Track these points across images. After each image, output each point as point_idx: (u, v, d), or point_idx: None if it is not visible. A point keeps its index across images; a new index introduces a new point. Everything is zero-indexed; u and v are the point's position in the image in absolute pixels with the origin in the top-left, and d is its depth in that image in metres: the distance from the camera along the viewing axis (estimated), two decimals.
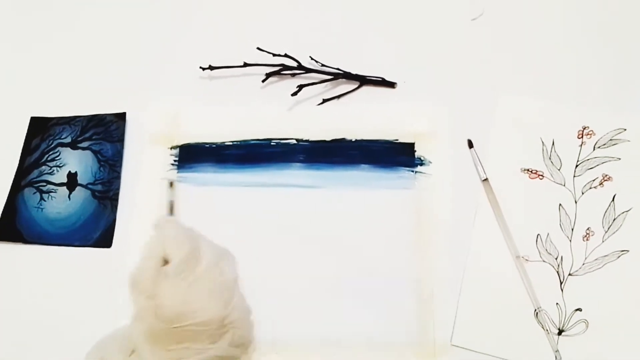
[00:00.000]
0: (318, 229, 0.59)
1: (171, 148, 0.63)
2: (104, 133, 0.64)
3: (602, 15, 0.66)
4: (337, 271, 0.57)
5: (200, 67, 0.65)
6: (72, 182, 0.63)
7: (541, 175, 0.59)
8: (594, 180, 0.58)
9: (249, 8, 0.69)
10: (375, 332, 0.55)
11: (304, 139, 0.62)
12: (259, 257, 0.58)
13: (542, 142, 0.60)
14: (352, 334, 0.55)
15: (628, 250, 0.56)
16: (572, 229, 0.57)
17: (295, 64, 0.64)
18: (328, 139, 0.62)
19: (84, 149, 0.64)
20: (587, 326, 0.54)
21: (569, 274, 0.55)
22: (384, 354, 0.54)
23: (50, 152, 0.64)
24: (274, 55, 0.64)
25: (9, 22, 0.72)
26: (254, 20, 0.69)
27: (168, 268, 0.49)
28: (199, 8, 0.70)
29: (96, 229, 0.60)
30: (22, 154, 0.64)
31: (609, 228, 0.57)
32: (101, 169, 0.63)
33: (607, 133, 0.60)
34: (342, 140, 0.62)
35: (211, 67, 0.65)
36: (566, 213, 0.57)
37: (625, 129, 0.60)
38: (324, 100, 0.64)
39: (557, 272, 0.56)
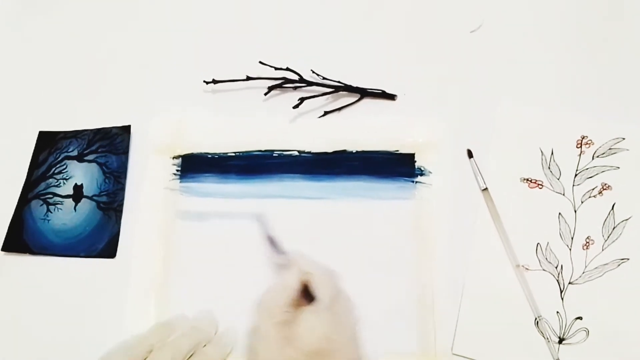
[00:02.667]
0: (319, 239, 0.59)
1: (173, 158, 0.64)
2: (110, 146, 0.65)
3: (600, 25, 0.66)
4: None
5: (204, 81, 0.66)
6: (78, 193, 0.64)
7: (540, 185, 0.59)
8: (593, 189, 0.59)
9: (252, 23, 0.71)
10: (375, 341, 0.55)
11: (306, 150, 0.63)
12: (260, 268, 0.58)
13: (541, 152, 0.60)
14: None
15: (628, 259, 0.56)
16: (572, 238, 0.57)
17: (297, 77, 0.65)
18: (329, 150, 0.63)
19: (90, 161, 0.65)
20: (587, 335, 0.54)
21: (569, 283, 0.56)
22: None
23: (58, 165, 0.65)
24: (276, 69, 0.65)
25: (17, 39, 0.74)
26: (257, 35, 0.70)
27: (317, 303, 0.49)
28: (202, 23, 0.72)
29: (101, 240, 0.61)
30: (30, 167, 0.65)
31: (608, 236, 0.57)
32: (106, 180, 0.64)
33: (606, 142, 0.60)
34: (344, 151, 0.63)
35: (215, 81, 0.66)
36: (566, 222, 0.58)
37: (624, 138, 0.60)
38: (326, 113, 0.65)
39: (557, 280, 0.56)
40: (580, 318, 0.54)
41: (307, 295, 0.52)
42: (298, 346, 0.47)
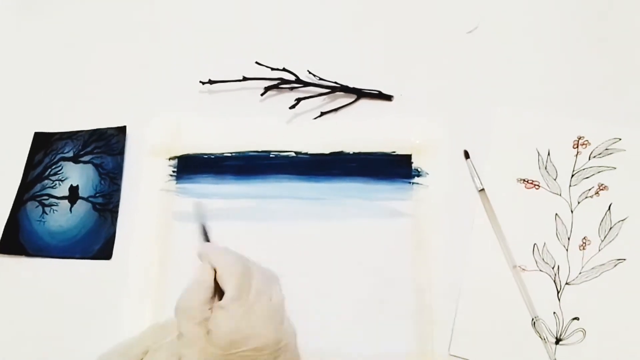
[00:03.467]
0: (316, 240, 0.59)
1: (169, 159, 0.64)
2: (105, 147, 0.65)
3: (596, 25, 0.67)
4: (334, 283, 0.58)
5: (200, 82, 0.66)
6: (73, 195, 0.63)
7: (537, 185, 0.59)
8: (589, 189, 0.59)
9: (248, 24, 0.71)
10: (373, 343, 0.55)
11: (303, 151, 0.63)
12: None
13: (538, 153, 0.60)
14: (350, 345, 0.55)
15: (624, 259, 0.56)
16: (569, 238, 0.57)
17: (293, 78, 0.65)
18: (326, 151, 0.63)
19: (85, 162, 0.65)
20: (584, 335, 0.54)
21: (566, 283, 0.56)
22: None
23: (53, 166, 0.65)
24: (273, 69, 0.65)
25: (13, 41, 0.74)
26: (253, 35, 0.70)
27: (223, 299, 0.49)
28: (198, 24, 0.71)
29: (97, 241, 0.61)
30: (25, 168, 0.65)
31: (605, 237, 0.57)
32: (102, 181, 0.63)
33: (602, 143, 0.60)
34: (340, 153, 0.63)
35: (211, 81, 0.66)
36: (562, 222, 0.58)
37: (620, 139, 0.60)
38: (322, 113, 0.64)
39: (554, 281, 0.56)
40: (577, 318, 0.54)
41: (219, 289, 0.51)
42: (215, 342, 0.47)
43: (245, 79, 0.65)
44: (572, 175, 0.59)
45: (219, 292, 0.49)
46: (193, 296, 0.49)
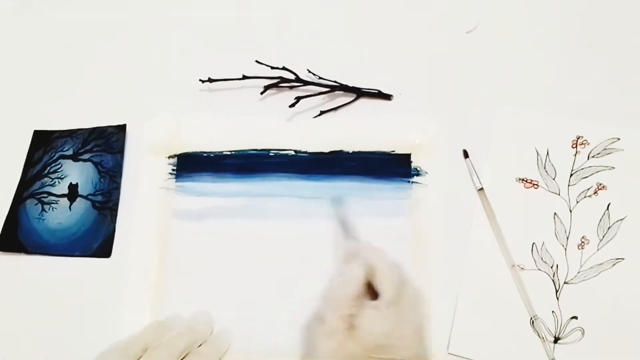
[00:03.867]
0: (315, 239, 0.59)
1: (169, 157, 0.64)
2: (105, 145, 0.65)
3: (595, 25, 0.67)
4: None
5: (200, 80, 0.66)
6: (73, 193, 0.63)
7: (536, 185, 0.59)
8: (588, 189, 0.59)
9: (248, 22, 0.71)
10: None
11: (302, 150, 0.63)
12: (256, 267, 0.59)
13: (537, 152, 0.61)
14: None
15: (623, 258, 0.56)
16: (567, 238, 0.57)
17: (293, 77, 0.65)
18: (326, 150, 0.63)
19: (85, 160, 0.65)
20: (583, 334, 0.54)
21: (565, 282, 0.56)
22: None
23: (52, 164, 0.65)
24: (272, 68, 0.65)
25: (12, 38, 0.74)
26: (253, 34, 0.70)
27: (379, 300, 0.49)
28: (198, 22, 0.71)
29: (96, 239, 0.61)
30: (24, 166, 0.65)
31: (603, 236, 0.57)
32: (101, 179, 0.63)
33: (601, 142, 0.60)
34: (340, 152, 0.63)
35: (210, 80, 0.66)
36: (561, 222, 0.58)
37: (619, 139, 0.60)
38: (321, 112, 0.64)
39: (553, 280, 0.56)
40: (575, 318, 0.54)
41: (371, 289, 0.51)
42: (359, 341, 0.47)
43: (245, 77, 0.65)
44: (571, 175, 0.59)
45: (370, 292, 0.50)
46: (344, 290, 0.49)
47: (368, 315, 0.48)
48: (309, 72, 0.66)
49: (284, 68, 0.65)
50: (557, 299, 0.55)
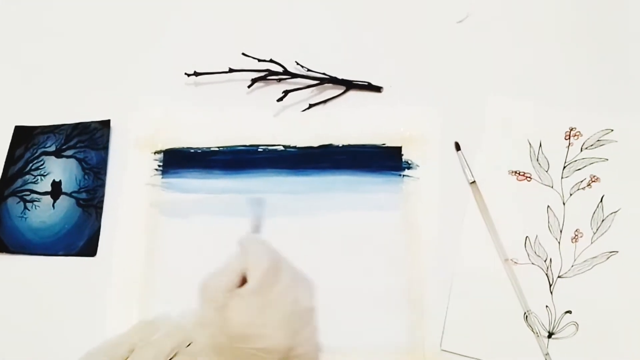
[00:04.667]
0: (306, 235, 0.58)
1: (155, 153, 0.63)
2: (89, 141, 0.64)
3: (588, 16, 0.66)
4: (324, 277, 0.56)
5: (185, 74, 0.65)
6: (56, 190, 0.62)
7: (529, 177, 0.59)
8: (581, 181, 0.58)
9: (234, 13, 0.69)
10: (364, 338, 0.55)
11: (291, 145, 0.62)
12: None
13: (530, 144, 0.60)
14: (340, 340, 0.54)
15: (617, 251, 0.55)
16: (561, 231, 0.57)
17: (281, 69, 0.64)
18: (315, 144, 0.62)
19: (68, 157, 0.63)
20: (577, 329, 0.53)
21: (558, 276, 0.55)
22: None
23: (35, 161, 0.63)
24: (260, 60, 0.64)
25: None
26: (239, 26, 0.68)
27: (243, 288, 0.48)
28: (183, 14, 0.70)
29: (80, 238, 0.60)
30: (5, 163, 0.64)
31: (597, 229, 0.56)
32: (86, 176, 0.62)
33: (595, 134, 0.60)
34: (329, 145, 0.62)
35: (196, 73, 0.65)
36: (554, 215, 0.57)
37: (612, 130, 0.59)
38: (310, 106, 0.63)
39: (546, 274, 0.55)
40: (569, 312, 0.54)
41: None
42: (226, 330, 0.46)
43: (231, 70, 0.64)
44: (564, 167, 0.59)
45: (244, 282, 0.48)
46: (218, 279, 0.48)
47: (234, 304, 0.47)
48: (297, 64, 0.65)
49: (271, 60, 0.64)
50: (551, 293, 0.55)
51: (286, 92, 0.63)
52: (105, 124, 0.64)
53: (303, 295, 0.50)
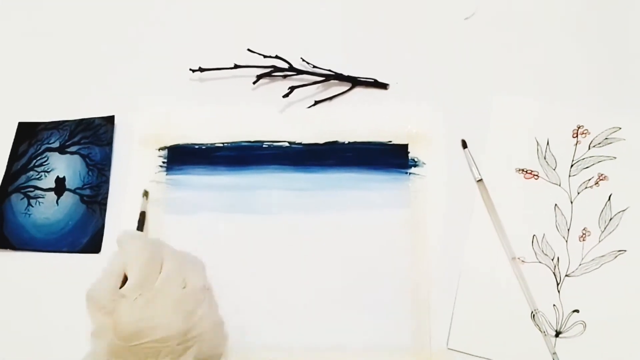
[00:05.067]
0: (311, 232, 0.58)
1: (159, 149, 0.62)
2: (93, 137, 0.63)
3: (595, 13, 0.65)
4: (330, 275, 0.57)
5: (190, 69, 0.64)
6: (60, 187, 0.62)
7: (536, 176, 0.58)
8: (589, 179, 0.58)
9: (240, 9, 0.69)
10: (370, 337, 0.54)
11: (297, 141, 0.62)
12: (250, 261, 0.57)
13: (537, 142, 0.59)
14: (346, 339, 0.54)
15: (625, 250, 0.55)
16: (568, 230, 0.56)
17: (286, 66, 0.64)
18: (321, 141, 0.62)
19: (72, 153, 0.63)
20: (584, 328, 0.53)
21: (566, 275, 0.55)
22: (380, 359, 0.53)
23: (38, 157, 0.63)
24: (265, 56, 0.63)
25: None
26: (245, 22, 0.68)
27: (124, 287, 0.48)
28: (188, 10, 0.69)
29: (85, 234, 0.59)
30: (9, 159, 0.63)
31: (605, 228, 0.56)
32: (90, 173, 0.62)
33: (602, 132, 0.59)
34: (335, 142, 0.62)
35: (201, 69, 0.64)
36: (562, 213, 0.57)
37: (620, 128, 0.59)
38: (316, 102, 0.63)
39: (554, 273, 0.55)
40: (577, 311, 0.54)
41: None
42: (118, 333, 0.46)
43: (236, 66, 0.64)
44: (572, 165, 0.58)
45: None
46: (102, 285, 0.48)
47: (119, 305, 0.47)
48: (303, 60, 0.64)
49: (277, 57, 0.64)
50: (558, 292, 0.54)
51: (292, 89, 0.62)
52: (110, 120, 0.64)
53: (192, 276, 0.50)
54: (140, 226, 0.57)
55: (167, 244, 0.52)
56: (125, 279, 0.49)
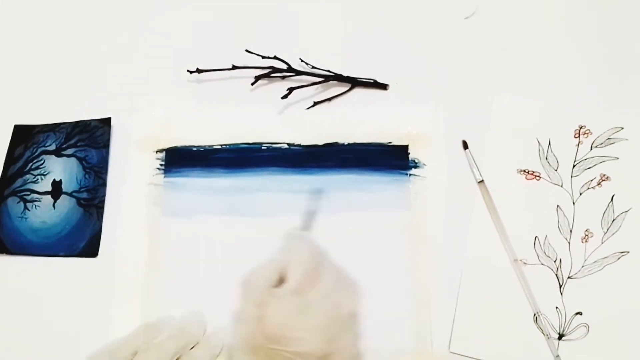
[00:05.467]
0: (312, 235, 0.57)
1: (157, 151, 0.62)
2: (89, 139, 0.63)
3: (597, 12, 0.65)
4: None
5: (188, 71, 0.64)
6: (56, 190, 0.61)
7: (538, 176, 0.58)
8: (591, 180, 0.57)
9: (237, 10, 0.68)
10: (371, 340, 0.53)
11: (296, 143, 0.61)
12: (249, 264, 0.56)
13: (539, 143, 0.59)
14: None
15: (628, 252, 0.54)
16: (571, 231, 0.56)
17: (285, 66, 0.63)
18: (320, 143, 0.61)
19: (68, 156, 0.62)
20: (587, 330, 0.53)
21: (568, 277, 0.54)
22: None
23: (35, 160, 0.62)
24: (263, 57, 0.63)
25: None
26: (243, 22, 0.67)
27: (281, 288, 0.47)
28: (185, 11, 0.69)
29: (82, 238, 0.59)
30: (5, 163, 0.63)
31: (608, 229, 0.55)
32: (86, 176, 0.61)
33: (604, 132, 0.59)
34: (335, 144, 0.61)
35: (199, 70, 0.64)
36: (564, 214, 0.56)
37: (622, 128, 0.58)
38: (315, 103, 0.62)
39: (556, 275, 0.54)
40: (580, 313, 0.53)
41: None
42: (262, 330, 0.45)
43: (234, 67, 0.63)
44: (574, 166, 0.58)
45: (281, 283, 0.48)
46: (258, 276, 0.48)
47: (271, 303, 0.46)
48: (302, 61, 0.64)
49: (275, 57, 0.63)
50: (561, 294, 0.54)
51: (291, 90, 0.62)
52: (106, 122, 0.63)
53: (346, 300, 0.49)
54: (307, 227, 0.56)
55: (329, 256, 0.51)
56: (281, 279, 0.48)
